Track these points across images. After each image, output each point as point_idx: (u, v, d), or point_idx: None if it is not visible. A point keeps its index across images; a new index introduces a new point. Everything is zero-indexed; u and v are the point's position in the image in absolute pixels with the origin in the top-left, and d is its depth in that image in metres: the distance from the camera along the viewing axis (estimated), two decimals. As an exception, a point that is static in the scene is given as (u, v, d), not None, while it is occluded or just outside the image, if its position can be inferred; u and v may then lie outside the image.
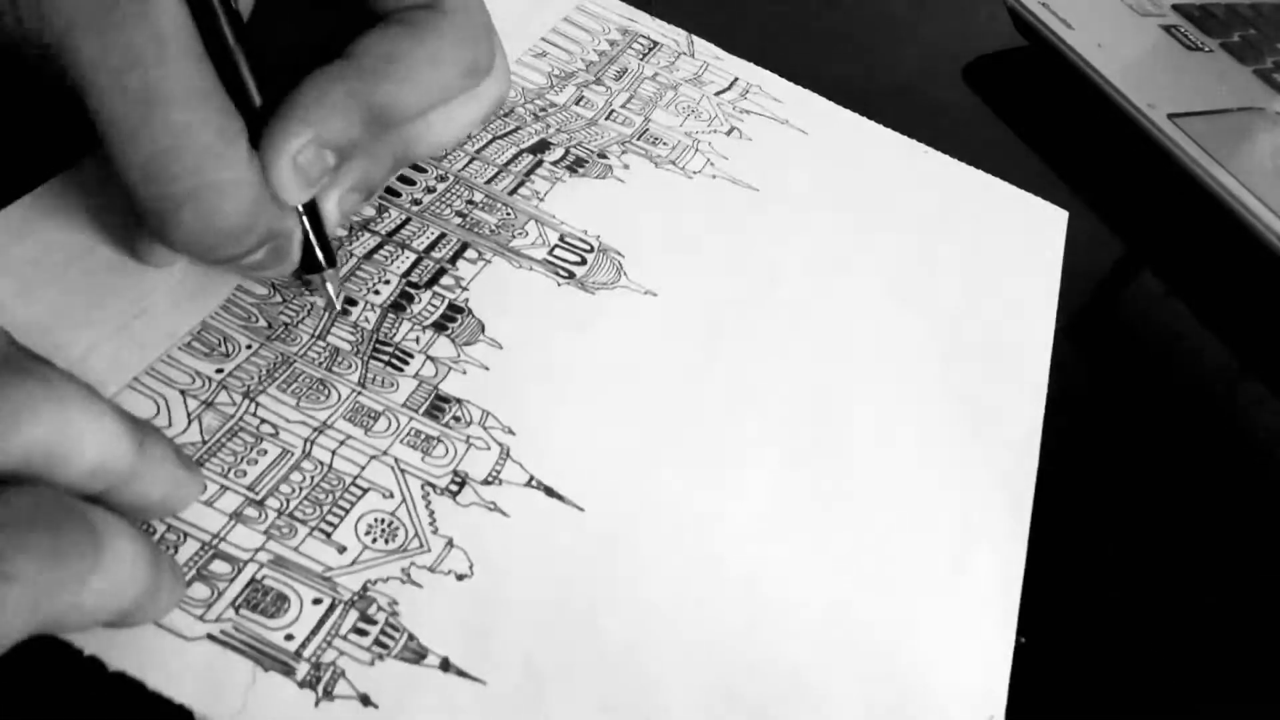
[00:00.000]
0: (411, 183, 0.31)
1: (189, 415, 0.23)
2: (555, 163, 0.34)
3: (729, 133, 0.38)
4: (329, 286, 0.26)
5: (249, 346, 0.25)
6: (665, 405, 0.28)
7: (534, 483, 0.25)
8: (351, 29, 0.24)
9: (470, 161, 0.33)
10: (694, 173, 0.36)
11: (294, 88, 0.23)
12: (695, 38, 0.42)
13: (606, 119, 0.37)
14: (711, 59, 0.42)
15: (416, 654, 0.21)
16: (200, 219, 0.22)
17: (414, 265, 0.29)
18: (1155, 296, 0.42)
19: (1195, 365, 0.36)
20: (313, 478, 0.23)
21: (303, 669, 0.20)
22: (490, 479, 0.25)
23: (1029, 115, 0.48)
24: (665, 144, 0.37)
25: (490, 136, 0.34)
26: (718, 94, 0.40)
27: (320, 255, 0.25)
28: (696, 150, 0.37)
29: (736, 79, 0.41)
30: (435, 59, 0.24)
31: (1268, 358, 0.40)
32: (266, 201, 0.23)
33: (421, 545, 0.23)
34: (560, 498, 0.25)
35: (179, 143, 0.21)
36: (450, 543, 0.23)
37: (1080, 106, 0.47)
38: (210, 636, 0.20)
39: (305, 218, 0.24)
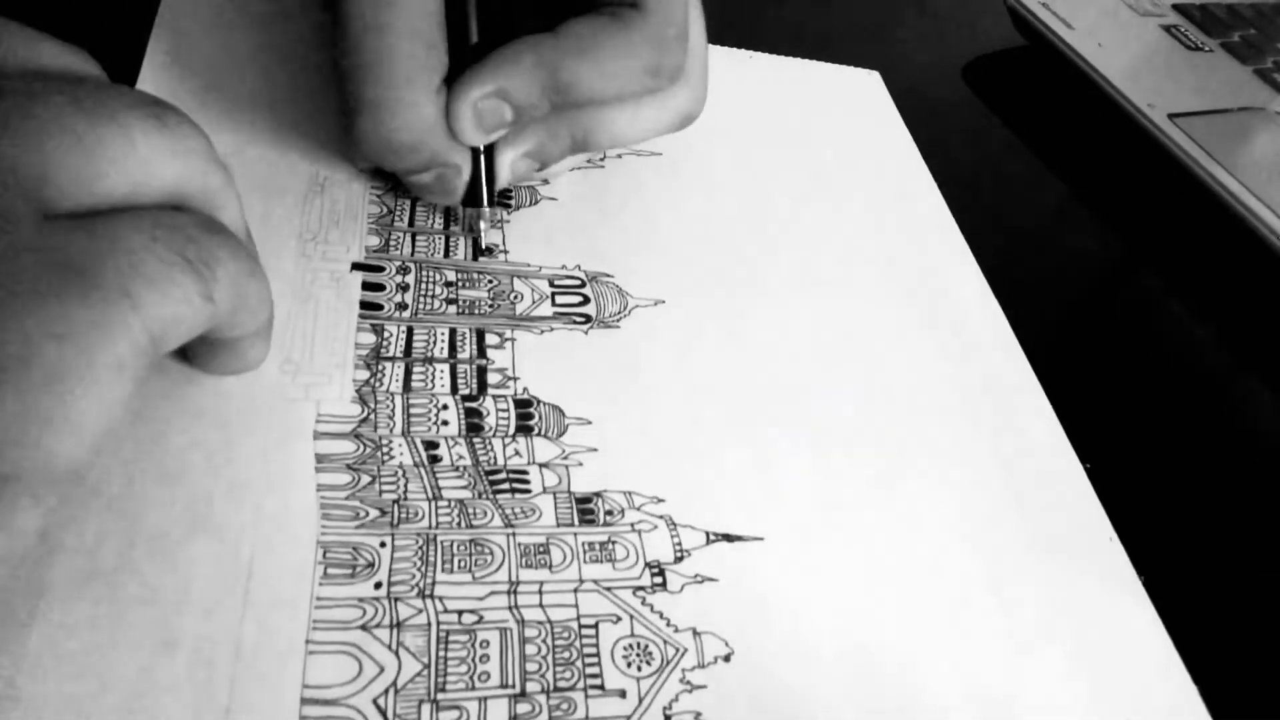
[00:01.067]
0: (380, 288, 0.28)
1: (391, 650, 0.22)
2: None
3: None
4: (482, 223, 0.30)
5: (383, 545, 0.23)
6: (748, 398, 0.29)
7: (712, 537, 0.25)
8: (568, 14, 0.28)
9: (414, 238, 0.30)
10: (599, 160, 0.35)
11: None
12: None
13: None
14: None
15: None
16: (376, 124, 0.26)
17: (453, 377, 0.27)
18: (1155, 296, 0.42)
19: (1195, 365, 0.36)
20: (545, 641, 0.23)
21: None
22: (680, 555, 0.25)
23: (1029, 115, 0.48)
24: None
25: (409, 202, 0.31)
26: None
27: (483, 196, 0.29)
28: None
29: None
30: (621, 50, 0.27)
31: (1268, 358, 0.40)
32: (438, 132, 0.27)
33: (677, 650, 0.23)
34: (740, 538, 0.26)
35: (380, 61, 0.25)
36: (695, 631, 0.24)
37: (1080, 106, 0.47)
38: None
39: (482, 161, 0.28)
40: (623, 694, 0.22)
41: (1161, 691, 0.26)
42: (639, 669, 0.23)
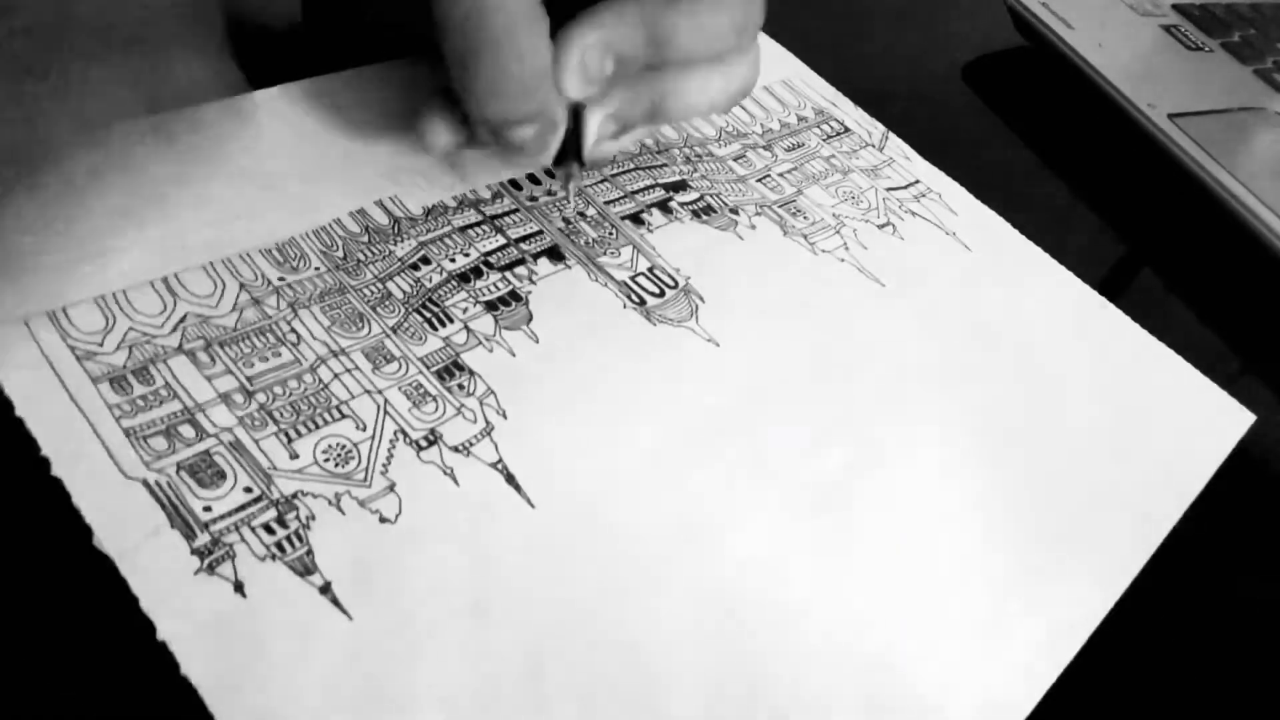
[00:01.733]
0: (537, 182, 0.32)
1: (236, 304, 0.26)
2: (684, 204, 0.34)
3: (882, 226, 0.36)
4: (571, 183, 0.30)
5: (317, 269, 0.27)
6: (672, 448, 0.27)
7: (500, 465, 0.25)
8: None
9: (602, 181, 0.33)
10: (822, 250, 0.34)
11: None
12: (891, 135, 0.41)
13: (758, 181, 0.36)
14: (900, 157, 0.40)
15: (305, 569, 0.22)
16: (494, 69, 0.26)
17: (499, 248, 0.30)
18: (1155, 296, 0.41)
19: (1195, 365, 0.36)
20: (306, 390, 0.25)
21: (202, 538, 0.21)
22: (460, 447, 0.25)
23: (1029, 115, 0.48)
24: (806, 217, 0.35)
25: (633, 165, 0.34)
26: (890, 189, 0.38)
27: (575, 153, 0.29)
28: (837, 232, 0.35)
29: (917, 181, 0.39)
30: (716, 6, 0.28)
31: (1268, 358, 0.40)
32: (547, 81, 0.27)
33: (365, 479, 0.23)
34: (517, 488, 0.25)
35: (496, 7, 0.25)
36: (391, 487, 0.23)
37: (1080, 106, 0.47)
38: (144, 482, 0.22)
39: (571, 119, 0.28)
40: (294, 456, 0.23)
41: None
42: (326, 460, 0.24)
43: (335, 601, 0.21)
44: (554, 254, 0.30)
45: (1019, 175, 0.44)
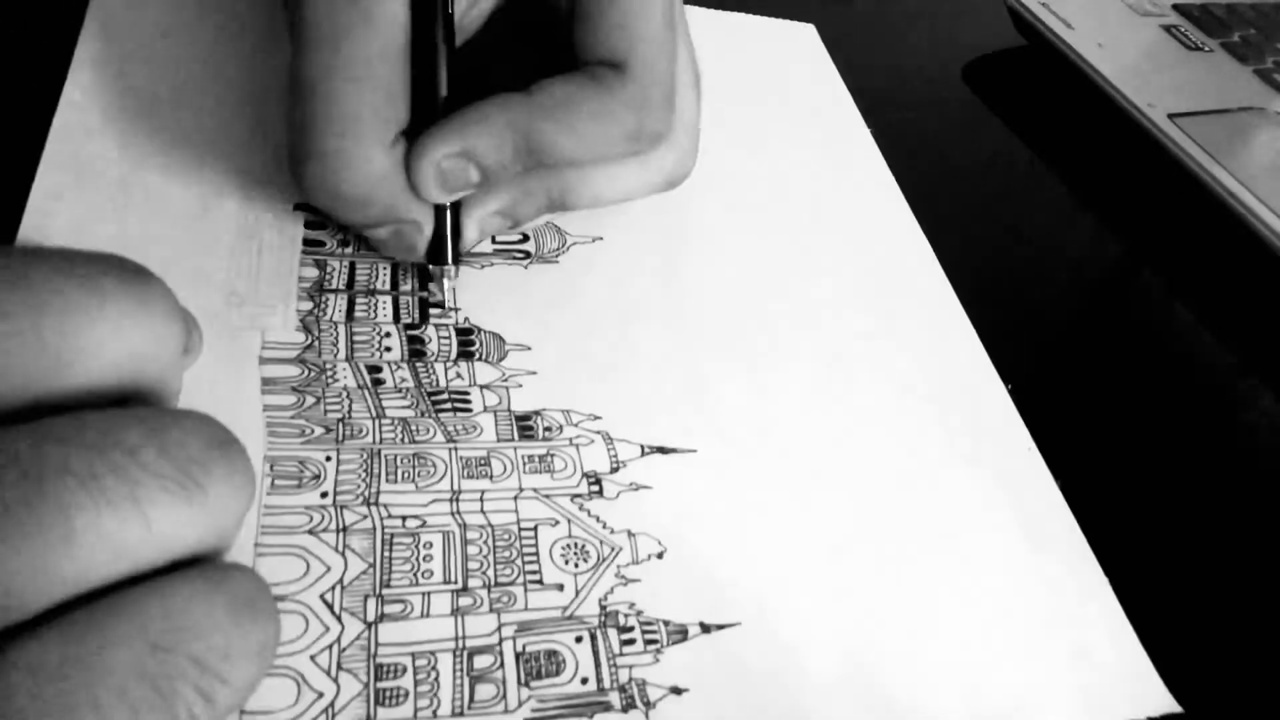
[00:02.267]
0: (323, 225, 0.29)
1: (338, 552, 0.22)
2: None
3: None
4: (445, 281, 0.28)
5: (328, 459, 0.24)
6: (683, 324, 0.30)
7: (647, 449, 0.26)
8: (547, 71, 0.26)
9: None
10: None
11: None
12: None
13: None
14: None
15: (681, 633, 0.23)
16: (321, 175, 0.24)
17: (395, 308, 0.28)
18: (1155, 296, 0.41)
19: (1195, 365, 0.35)
20: (486, 543, 0.24)
21: (615, 698, 0.22)
22: (615, 466, 0.26)
23: (1029, 115, 0.48)
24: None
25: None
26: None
27: (448, 253, 0.27)
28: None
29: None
30: (598, 115, 0.26)
31: (1268, 358, 0.39)
32: (392, 186, 0.24)
33: (613, 549, 0.24)
34: (674, 450, 0.27)
35: (331, 107, 0.23)
36: (630, 533, 0.25)
37: (1080, 106, 0.47)
38: None
39: (448, 216, 0.26)
40: (560, 587, 0.23)
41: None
42: (576, 565, 0.24)
43: (721, 626, 0.24)
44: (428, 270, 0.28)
45: (1019, 175, 0.44)
